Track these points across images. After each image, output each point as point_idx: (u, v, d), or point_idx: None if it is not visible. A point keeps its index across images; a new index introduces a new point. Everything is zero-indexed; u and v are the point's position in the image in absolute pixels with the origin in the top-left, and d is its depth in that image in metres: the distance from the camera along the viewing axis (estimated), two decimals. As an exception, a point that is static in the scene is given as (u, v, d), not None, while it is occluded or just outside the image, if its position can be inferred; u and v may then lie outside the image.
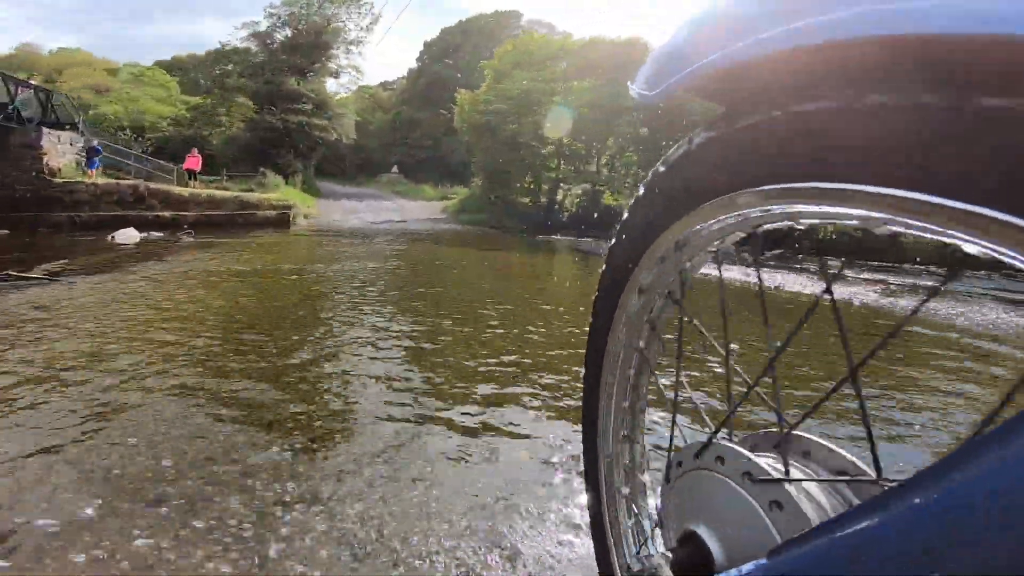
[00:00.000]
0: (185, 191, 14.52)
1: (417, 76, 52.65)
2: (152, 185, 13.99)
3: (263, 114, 24.73)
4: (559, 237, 17.94)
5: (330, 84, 31.18)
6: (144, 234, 11.01)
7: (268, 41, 27.78)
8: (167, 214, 13.32)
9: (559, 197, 23.31)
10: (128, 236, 10.48)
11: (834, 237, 13.39)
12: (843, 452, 0.52)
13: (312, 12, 27.67)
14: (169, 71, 35.11)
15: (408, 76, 55.18)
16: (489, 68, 23.91)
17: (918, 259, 12.60)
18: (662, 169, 0.63)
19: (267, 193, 17.12)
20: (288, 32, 27.55)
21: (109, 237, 10.29)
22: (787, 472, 0.50)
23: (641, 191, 0.68)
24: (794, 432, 0.54)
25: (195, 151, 17.32)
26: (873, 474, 0.47)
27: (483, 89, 23.24)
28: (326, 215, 19.22)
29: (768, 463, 0.51)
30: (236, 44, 28.60)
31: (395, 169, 44.68)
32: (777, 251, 12.77)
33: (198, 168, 16.66)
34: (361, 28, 29.70)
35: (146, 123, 27.03)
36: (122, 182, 13.62)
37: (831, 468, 0.52)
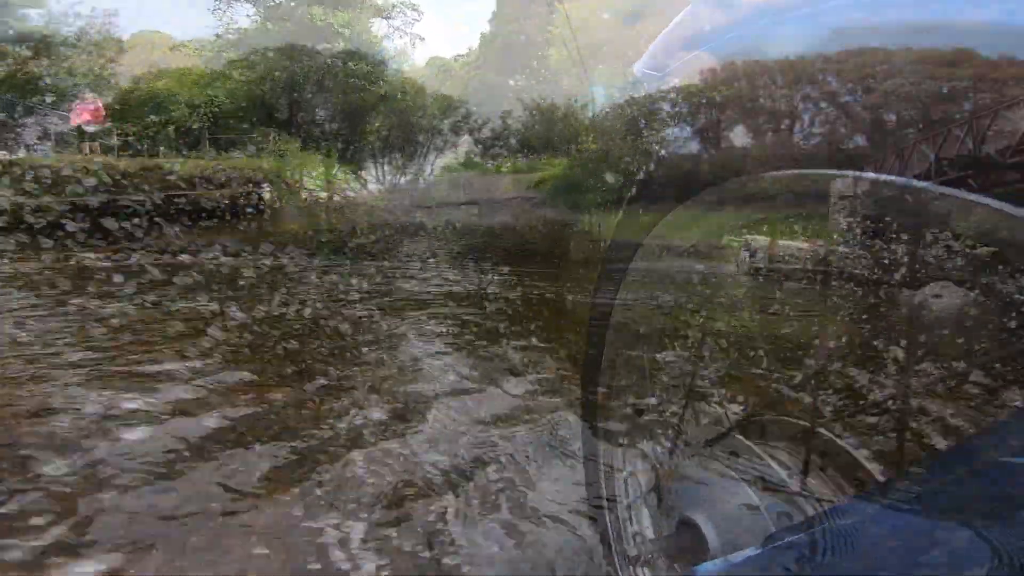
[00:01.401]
0: (58, 162, 7.59)
1: (491, 39, 46.06)
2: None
3: (280, 58, 17.79)
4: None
5: (379, 26, 23.94)
6: None
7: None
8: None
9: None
10: None
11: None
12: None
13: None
14: (248, 48, 30.87)
15: (481, 41, 48.67)
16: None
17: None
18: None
19: (240, 163, 10.00)
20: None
21: None
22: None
23: None
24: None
25: (90, 97, 10.37)
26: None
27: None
28: (346, 194, 11.86)
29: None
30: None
31: (468, 140, 39.35)
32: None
33: (97, 121, 9.65)
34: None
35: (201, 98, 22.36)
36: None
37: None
